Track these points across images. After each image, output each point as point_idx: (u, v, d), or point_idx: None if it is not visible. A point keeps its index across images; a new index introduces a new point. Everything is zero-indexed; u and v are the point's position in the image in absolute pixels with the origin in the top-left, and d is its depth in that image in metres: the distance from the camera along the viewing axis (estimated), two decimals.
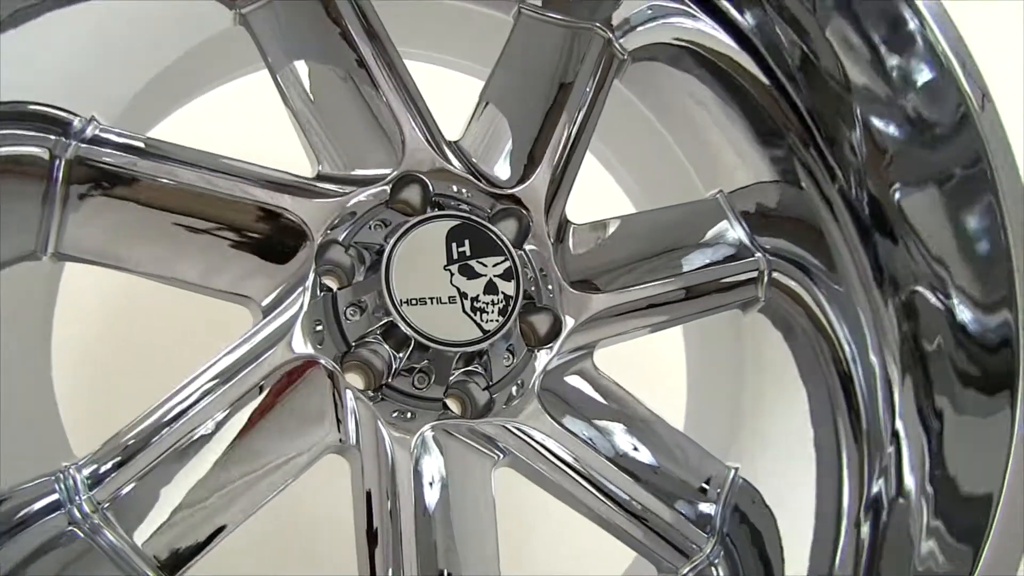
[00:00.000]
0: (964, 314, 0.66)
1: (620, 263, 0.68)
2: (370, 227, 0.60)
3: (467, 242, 0.59)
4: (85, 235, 0.55)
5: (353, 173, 0.61)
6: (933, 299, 0.68)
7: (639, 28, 0.73)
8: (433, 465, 0.58)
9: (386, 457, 0.56)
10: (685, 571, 0.63)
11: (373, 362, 0.58)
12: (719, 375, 0.83)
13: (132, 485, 0.52)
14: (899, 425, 0.69)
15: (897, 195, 0.70)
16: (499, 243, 0.60)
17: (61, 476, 0.51)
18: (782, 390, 0.74)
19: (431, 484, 0.57)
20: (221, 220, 0.57)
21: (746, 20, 0.75)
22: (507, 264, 0.59)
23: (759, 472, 0.68)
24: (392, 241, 0.57)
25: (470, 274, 0.58)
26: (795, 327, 0.73)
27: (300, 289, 0.57)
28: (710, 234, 0.72)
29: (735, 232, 0.72)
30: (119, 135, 0.57)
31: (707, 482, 0.65)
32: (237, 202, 0.57)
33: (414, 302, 0.56)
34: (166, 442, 0.53)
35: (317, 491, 0.58)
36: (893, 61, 0.68)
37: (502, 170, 0.66)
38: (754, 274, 0.71)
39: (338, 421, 0.56)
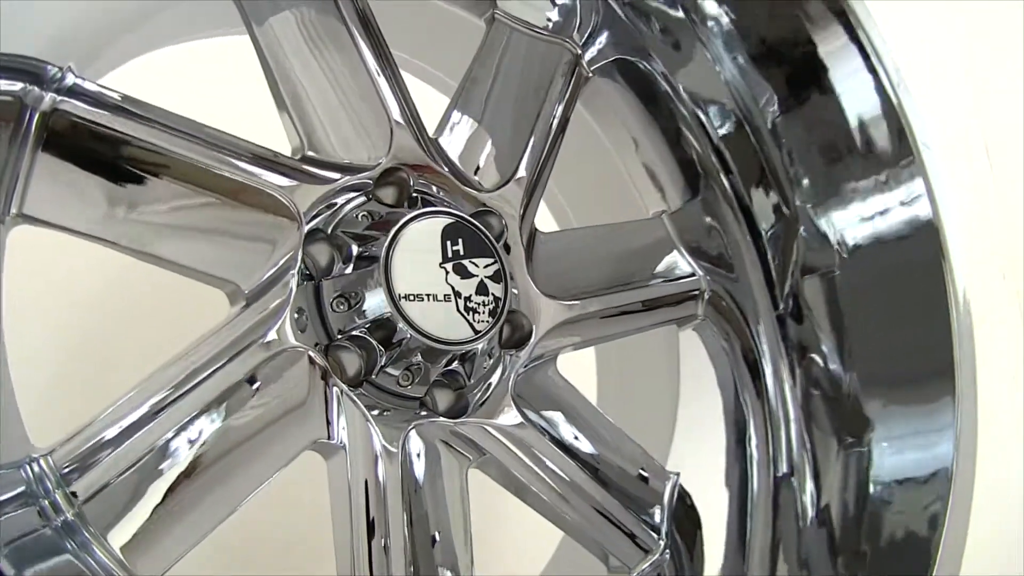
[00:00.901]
0: None
1: (584, 273, 0.69)
2: (357, 217, 0.58)
3: (460, 241, 0.58)
4: (54, 196, 0.49)
5: (341, 159, 0.59)
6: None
7: (599, 47, 0.75)
8: (417, 463, 0.57)
9: (375, 454, 0.54)
10: (641, 570, 0.65)
11: (357, 357, 0.56)
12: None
13: (108, 479, 0.47)
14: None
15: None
16: (489, 245, 0.60)
17: (28, 466, 0.45)
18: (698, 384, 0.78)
19: (418, 482, 0.56)
20: (206, 194, 0.53)
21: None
22: (496, 266, 0.60)
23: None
24: (391, 234, 0.55)
25: (463, 273, 0.58)
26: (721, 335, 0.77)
27: (288, 276, 0.54)
28: (659, 251, 0.75)
29: (678, 251, 0.76)
30: (98, 90, 0.51)
31: (656, 488, 0.68)
32: (223, 177, 0.53)
33: (412, 298, 0.55)
34: (147, 434, 0.48)
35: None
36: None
37: (481, 174, 0.65)
38: (695, 292, 0.74)
39: (327, 417, 0.54)
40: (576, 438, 0.65)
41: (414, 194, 0.61)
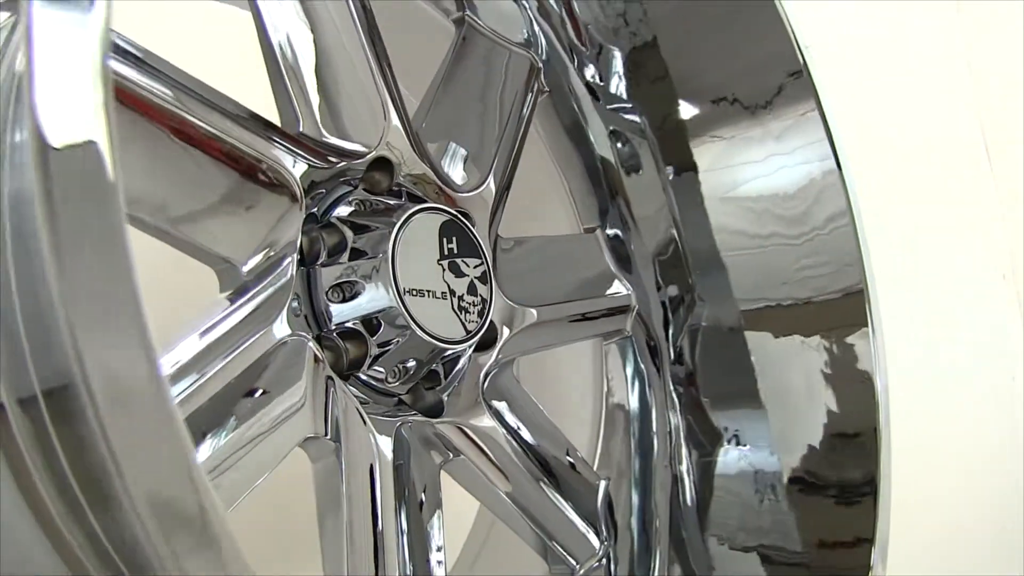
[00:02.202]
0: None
1: (541, 281, 0.71)
2: (349, 204, 0.57)
3: (455, 239, 0.58)
4: None
5: (336, 142, 0.56)
6: None
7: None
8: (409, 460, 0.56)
9: (372, 448, 0.53)
10: (589, 566, 0.66)
11: (349, 349, 0.55)
12: None
13: None
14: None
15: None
16: (478, 245, 0.60)
17: None
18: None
19: (412, 480, 0.55)
20: (209, 157, 0.48)
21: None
22: (483, 267, 0.60)
23: None
24: (397, 225, 0.54)
25: (457, 272, 0.58)
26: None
27: (287, 261, 0.51)
28: (598, 265, 0.78)
29: (611, 266, 0.78)
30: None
31: (595, 490, 0.70)
32: (229, 141, 0.49)
33: (414, 292, 0.54)
34: None
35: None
36: None
37: (456, 175, 0.65)
38: (626, 307, 0.77)
39: (325, 412, 0.52)
40: (519, 428, 0.65)
41: (395, 187, 0.60)
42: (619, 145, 0.82)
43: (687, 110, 0.79)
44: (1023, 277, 1.01)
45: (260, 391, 0.49)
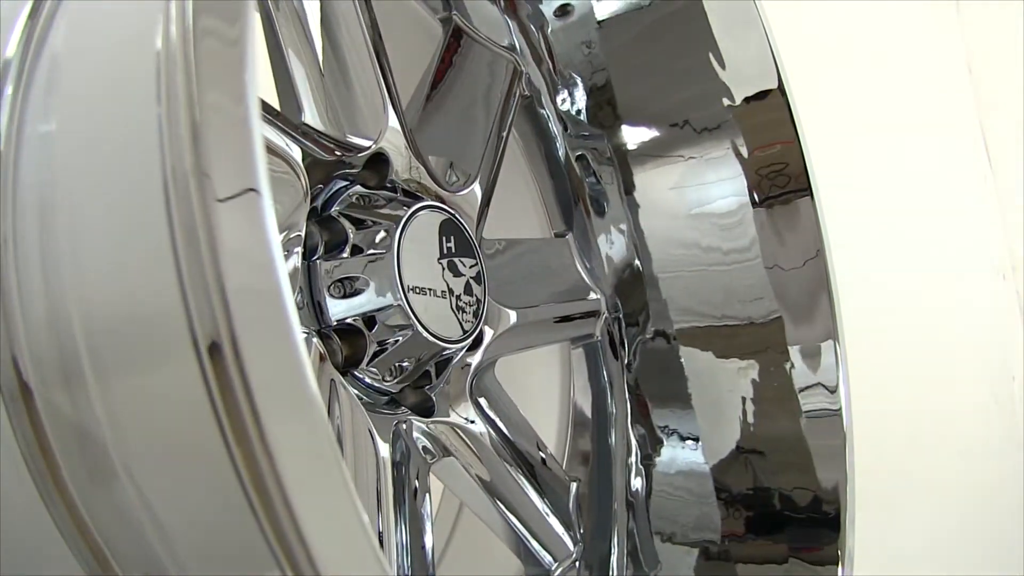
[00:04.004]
0: None
1: (521, 283, 0.71)
2: (348, 198, 0.56)
3: (453, 238, 0.58)
4: None
5: (337, 135, 0.55)
6: None
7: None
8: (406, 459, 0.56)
9: (372, 444, 0.52)
10: (564, 567, 0.66)
11: (345, 346, 0.54)
12: None
13: None
14: None
15: None
16: (473, 245, 0.60)
17: None
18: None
19: (411, 478, 0.55)
20: None
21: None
22: (478, 268, 0.60)
23: None
24: (402, 223, 0.54)
25: (455, 271, 0.57)
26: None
27: (295, 253, 0.50)
28: (570, 269, 0.78)
29: (581, 271, 0.79)
30: None
31: (566, 486, 0.70)
32: None
33: (417, 290, 0.54)
34: None
35: None
36: None
37: (446, 174, 0.65)
38: (596, 312, 0.78)
39: (329, 409, 0.50)
40: (496, 422, 0.65)
41: (388, 184, 0.59)
42: (581, 161, 0.82)
43: (643, 134, 0.80)
44: (1023, 277, 1.01)
45: None
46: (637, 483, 0.79)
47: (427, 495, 0.58)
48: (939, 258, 1.25)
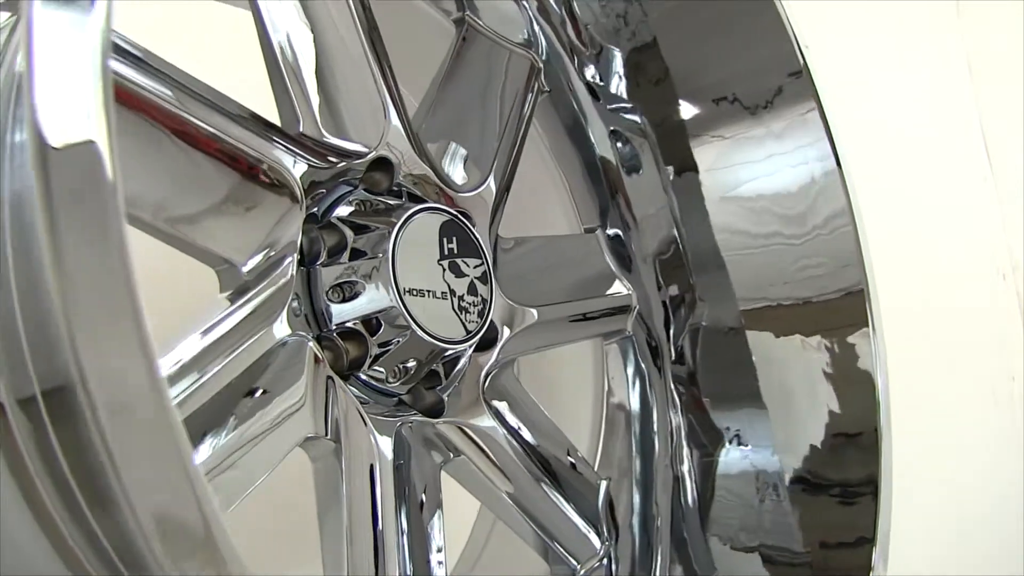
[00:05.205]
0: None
1: (541, 282, 0.71)
2: (349, 204, 0.57)
3: (455, 239, 0.58)
4: None
5: (336, 142, 0.56)
6: None
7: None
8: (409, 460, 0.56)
9: (372, 447, 0.53)
10: (589, 567, 0.66)
11: (349, 349, 0.54)
12: None
13: None
14: None
15: None
16: (478, 245, 0.60)
17: None
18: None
19: (411, 478, 0.55)
20: (209, 157, 0.48)
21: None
22: (484, 267, 0.60)
23: None
24: (397, 226, 0.55)
25: (457, 272, 0.58)
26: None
27: (287, 261, 0.51)
28: (598, 266, 0.77)
29: (611, 266, 0.78)
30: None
31: (596, 490, 0.70)
32: (230, 141, 0.49)
33: (415, 292, 0.54)
34: None
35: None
36: None
37: (457, 175, 0.65)
38: (627, 307, 0.77)
39: (326, 412, 0.52)
40: (520, 428, 0.65)
41: (395, 187, 0.60)
42: (619, 145, 0.82)
43: (687, 110, 0.79)
44: (1023, 277, 1.01)
45: (260, 391, 0.49)
46: (688, 484, 0.78)
47: (438, 494, 0.58)
48: (939, 258, 1.25)
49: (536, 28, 0.78)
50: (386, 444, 0.54)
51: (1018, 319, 1.03)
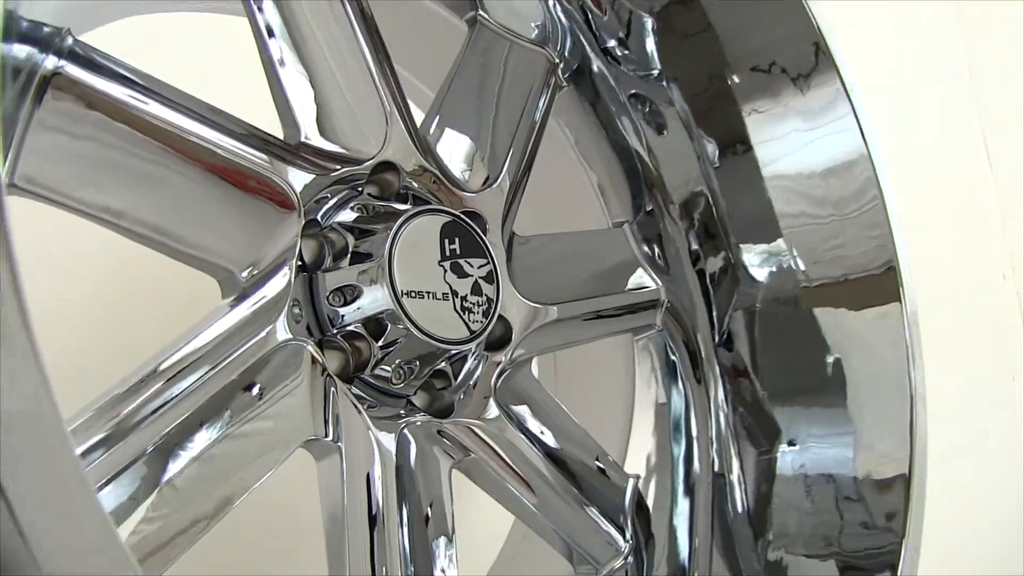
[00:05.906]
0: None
1: (560, 279, 0.70)
2: (352, 209, 0.57)
3: (457, 240, 0.58)
4: (48, 162, 0.45)
5: (336, 149, 0.57)
6: None
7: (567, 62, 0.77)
8: (412, 461, 0.57)
9: (373, 450, 0.54)
10: (612, 567, 0.66)
11: (351, 353, 0.55)
12: None
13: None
14: None
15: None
16: (483, 245, 0.60)
17: None
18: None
19: (414, 479, 0.56)
20: (207, 173, 0.50)
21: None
22: (489, 267, 0.60)
23: None
24: (395, 229, 0.55)
25: (460, 273, 0.58)
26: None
27: (285, 267, 0.52)
28: (624, 260, 0.77)
29: (640, 261, 0.77)
30: (99, 55, 0.48)
31: (621, 489, 0.69)
32: (224, 156, 0.51)
33: (413, 295, 0.55)
34: (139, 439, 0.46)
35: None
36: None
37: (464, 174, 0.65)
38: (655, 302, 0.76)
39: (325, 413, 0.52)
40: (543, 433, 0.65)
41: (401, 190, 0.60)
42: (647, 116, 0.80)
43: (727, 79, 0.77)
44: (1023, 277, 1.01)
45: (257, 393, 0.50)
46: (734, 484, 0.76)
47: (448, 492, 0.58)
48: (939, 258, 1.25)
49: (559, 12, 0.77)
50: (389, 445, 0.55)
51: (1018, 319, 1.03)
